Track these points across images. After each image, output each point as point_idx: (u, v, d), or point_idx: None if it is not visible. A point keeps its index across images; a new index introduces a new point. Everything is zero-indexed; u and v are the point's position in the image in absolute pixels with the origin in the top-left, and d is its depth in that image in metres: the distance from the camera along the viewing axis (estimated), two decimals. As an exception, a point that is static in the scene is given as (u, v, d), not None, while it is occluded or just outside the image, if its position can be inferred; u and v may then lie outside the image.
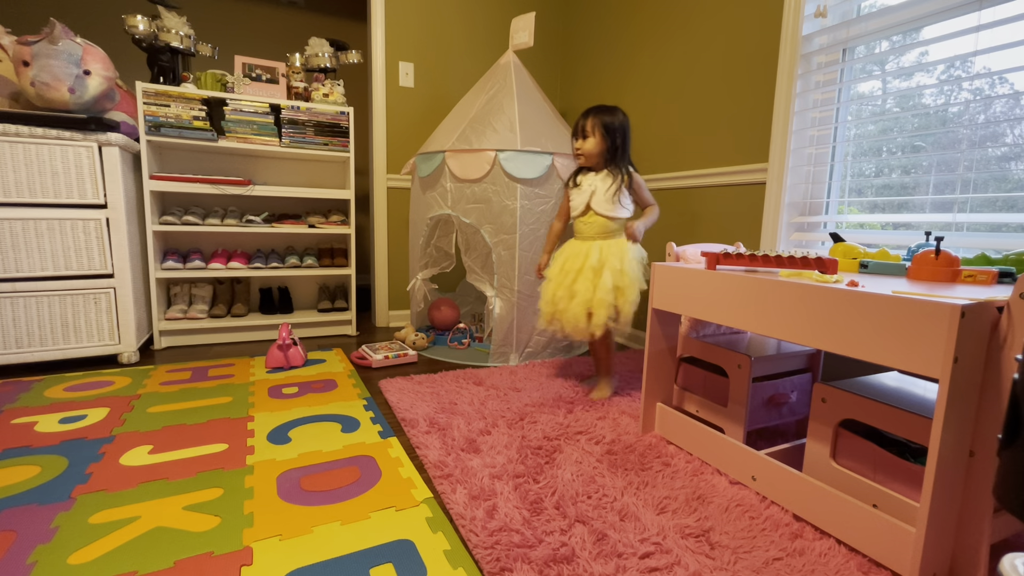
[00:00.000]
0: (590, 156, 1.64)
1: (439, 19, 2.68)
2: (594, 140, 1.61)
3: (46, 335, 1.78)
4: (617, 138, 1.61)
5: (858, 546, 0.92)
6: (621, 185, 1.61)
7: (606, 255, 1.58)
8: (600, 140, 1.61)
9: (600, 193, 1.62)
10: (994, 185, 1.31)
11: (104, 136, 1.80)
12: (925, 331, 0.79)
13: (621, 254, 1.59)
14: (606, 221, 1.62)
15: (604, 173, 1.63)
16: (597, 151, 1.62)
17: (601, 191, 1.62)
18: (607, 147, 1.62)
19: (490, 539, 0.92)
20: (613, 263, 1.56)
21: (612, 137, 1.61)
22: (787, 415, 1.33)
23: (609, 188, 1.61)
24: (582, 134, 1.64)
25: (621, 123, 1.62)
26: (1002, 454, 0.64)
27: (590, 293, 1.55)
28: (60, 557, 0.87)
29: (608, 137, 1.61)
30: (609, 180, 1.62)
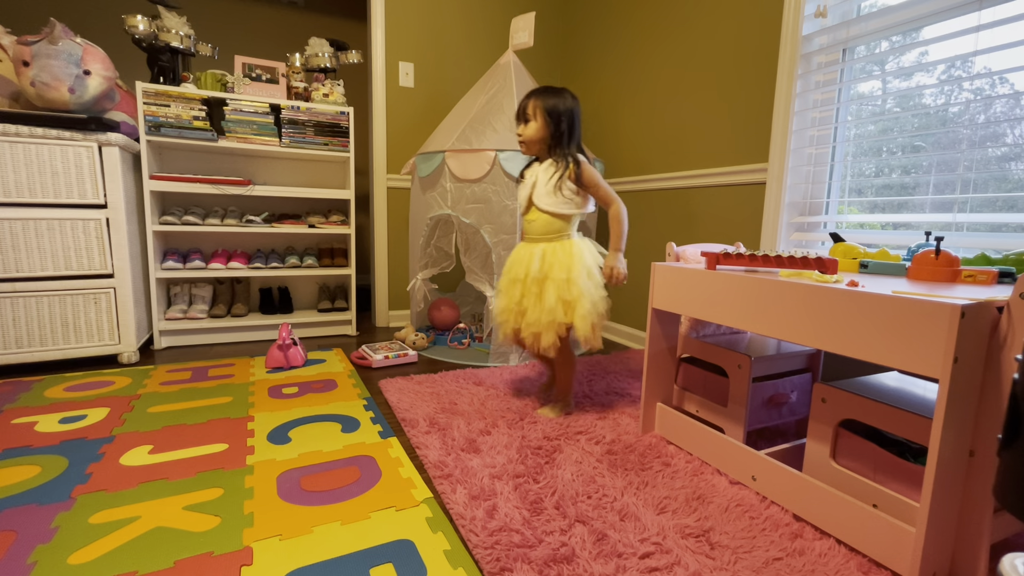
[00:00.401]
0: (531, 143, 1.46)
1: (439, 19, 2.68)
2: (536, 125, 1.43)
3: (46, 335, 1.78)
4: (562, 123, 1.42)
5: (858, 546, 0.92)
6: (564, 175, 1.41)
7: (549, 263, 1.40)
8: (543, 125, 1.42)
9: (541, 184, 1.43)
10: (994, 185, 1.31)
11: (104, 136, 1.80)
12: (925, 331, 0.79)
13: (567, 261, 1.39)
14: (549, 219, 1.44)
15: (548, 162, 1.45)
16: (539, 137, 1.44)
17: (542, 182, 1.43)
18: (550, 133, 1.43)
19: (490, 539, 0.92)
20: (556, 273, 1.37)
21: (556, 121, 1.42)
22: (787, 415, 1.33)
23: (551, 179, 1.42)
24: (523, 118, 1.45)
25: (568, 106, 1.43)
26: (1002, 454, 0.64)
27: (536, 313, 1.38)
28: (60, 557, 0.87)
29: (552, 121, 1.42)
30: (552, 170, 1.43)
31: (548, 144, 1.45)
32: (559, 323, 1.37)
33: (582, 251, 1.43)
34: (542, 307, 1.38)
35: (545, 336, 1.38)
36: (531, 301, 1.40)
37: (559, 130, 1.43)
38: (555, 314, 1.36)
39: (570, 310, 1.37)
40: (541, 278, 1.39)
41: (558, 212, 1.42)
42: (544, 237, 1.45)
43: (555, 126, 1.42)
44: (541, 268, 1.40)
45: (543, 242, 1.44)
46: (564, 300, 1.37)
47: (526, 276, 1.41)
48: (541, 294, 1.39)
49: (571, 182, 1.41)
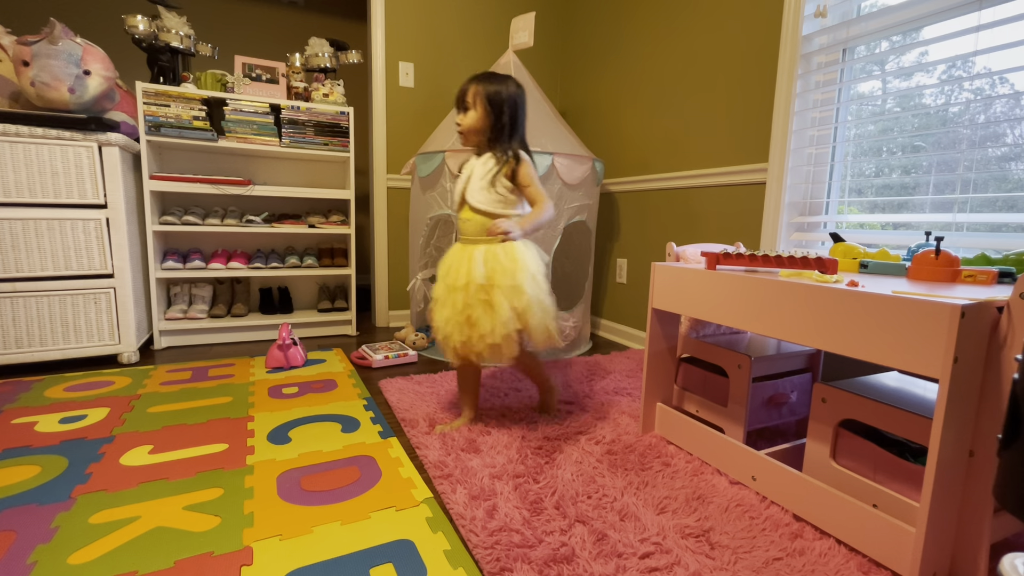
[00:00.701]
0: (469, 133, 1.33)
1: (439, 19, 2.69)
2: (475, 114, 1.30)
3: (46, 335, 1.78)
4: (505, 113, 1.29)
5: (858, 546, 0.92)
6: (501, 171, 1.29)
7: (492, 270, 1.26)
8: (483, 114, 1.30)
9: (475, 180, 1.31)
10: (994, 185, 1.31)
11: (104, 136, 1.80)
12: (925, 331, 0.79)
13: (511, 267, 1.26)
14: (482, 218, 1.30)
15: (487, 156, 1.33)
16: (479, 127, 1.31)
17: (476, 177, 1.31)
18: (491, 123, 1.30)
19: (490, 539, 0.92)
20: (502, 281, 1.25)
21: (497, 111, 1.29)
22: (787, 415, 1.33)
23: (487, 174, 1.30)
24: (462, 106, 1.32)
25: (512, 95, 1.31)
26: (1002, 454, 0.64)
27: (490, 323, 1.25)
28: (60, 557, 0.87)
29: (493, 111, 1.29)
30: (490, 163, 1.31)
31: (488, 136, 1.32)
32: (513, 334, 1.27)
33: (525, 256, 1.29)
34: (497, 318, 1.24)
35: (506, 347, 1.26)
36: (481, 311, 1.25)
37: (500, 121, 1.30)
38: (508, 326, 1.24)
39: (521, 318, 1.26)
40: (488, 285, 1.25)
41: (490, 211, 1.29)
42: (483, 239, 1.30)
43: (496, 116, 1.30)
44: (487, 276, 1.26)
45: (482, 244, 1.30)
46: (515, 308, 1.25)
47: (468, 283, 1.26)
48: (491, 303, 1.25)
49: (506, 179, 1.30)
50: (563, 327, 2.19)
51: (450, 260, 1.34)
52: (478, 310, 1.26)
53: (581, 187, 2.14)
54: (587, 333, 2.41)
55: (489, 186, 1.29)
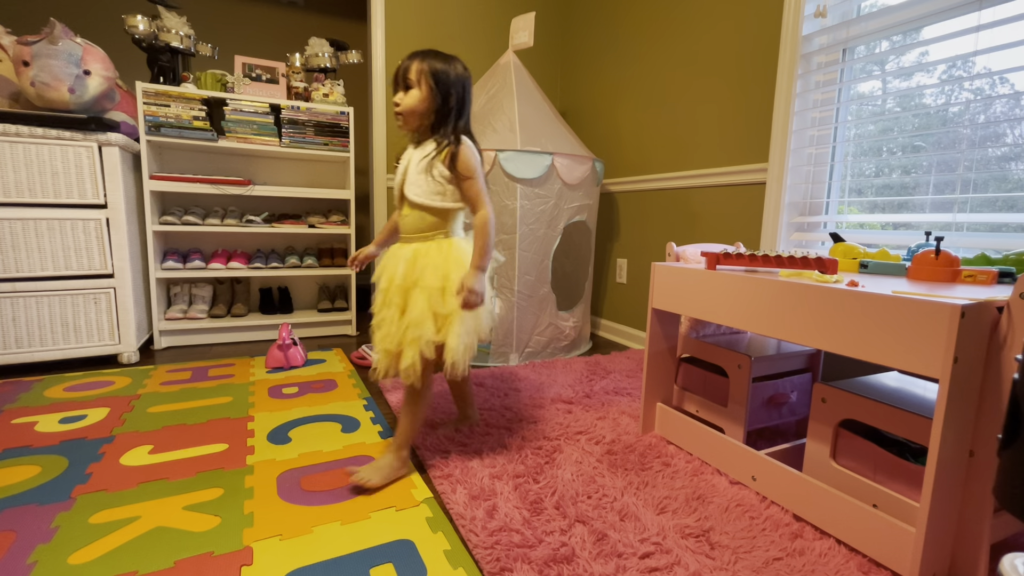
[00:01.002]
0: (410, 115, 1.15)
1: (439, 19, 2.68)
2: (418, 94, 1.13)
3: (46, 335, 1.78)
4: (451, 96, 1.14)
5: (858, 546, 0.92)
6: (439, 155, 1.13)
7: (421, 267, 1.12)
8: (427, 95, 1.13)
9: (412, 169, 1.16)
10: (994, 185, 1.31)
11: (104, 136, 1.80)
12: (925, 331, 0.79)
13: (443, 266, 1.12)
14: (420, 213, 1.16)
15: (427, 143, 1.16)
16: (421, 109, 1.14)
17: (413, 165, 1.16)
18: (436, 106, 1.14)
19: (490, 539, 0.92)
20: (428, 280, 1.10)
21: (444, 93, 1.13)
22: (787, 415, 1.33)
23: (424, 159, 1.14)
24: (403, 84, 1.14)
25: (460, 76, 1.16)
26: (1002, 454, 0.64)
27: (395, 324, 1.11)
28: (60, 557, 0.87)
29: (438, 92, 1.13)
30: (429, 149, 1.14)
31: (431, 120, 1.16)
32: (427, 341, 1.08)
33: (463, 254, 1.15)
34: (405, 319, 1.10)
35: (406, 353, 1.09)
36: (390, 312, 1.12)
37: (447, 105, 1.14)
38: (422, 329, 1.07)
39: (444, 327, 1.09)
40: (407, 286, 1.11)
41: (428, 204, 1.14)
42: (418, 235, 1.17)
43: (442, 99, 1.14)
44: (408, 273, 1.12)
45: (417, 242, 1.16)
46: (436, 314, 1.09)
47: (389, 285, 1.14)
48: (405, 305, 1.11)
49: (444, 166, 1.13)
50: (563, 327, 2.19)
51: (384, 261, 1.20)
52: (389, 312, 1.12)
53: (581, 187, 2.14)
54: (587, 333, 2.41)
55: (426, 174, 1.13)
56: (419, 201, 1.14)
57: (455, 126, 1.16)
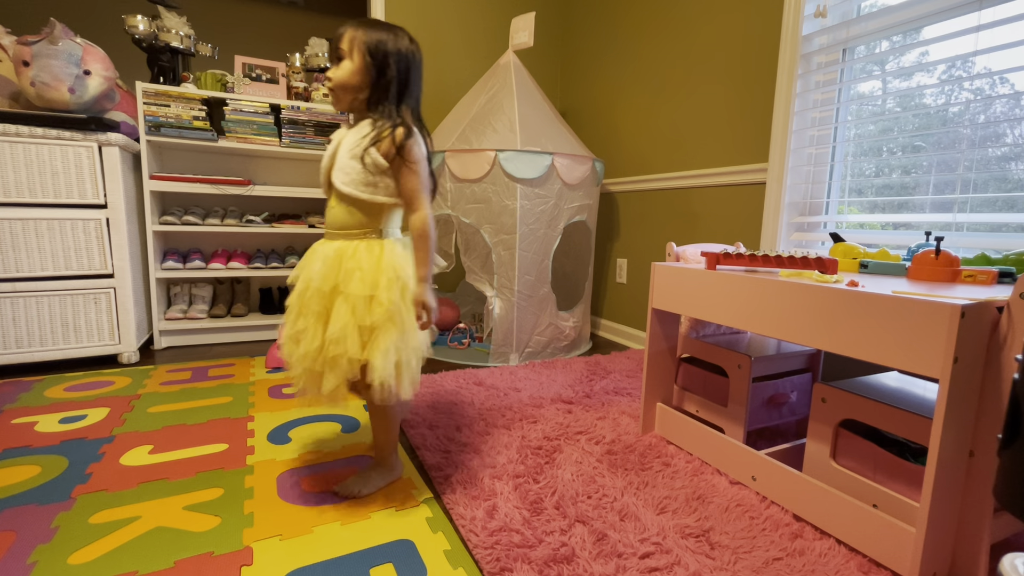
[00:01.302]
0: (342, 92, 0.99)
1: (439, 19, 2.69)
2: (350, 66, 0.97)
3: (46, 335, 1.78)
4: (390, 68, 0.98)
5: (858, 546, 0.92)
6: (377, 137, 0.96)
7: (347, 270, 0.96)
8: (360, 66, 0.97)
9: (342, 153, 1.00)
10: (994, 185, 1.31)
11: (104, 136, 1.80)
12: (925, 331, 0.79)
13: (373, 270, 0.96)
14: (348, 207, 1.00)
15: (363, 124, 1.00)
16: (354, 83, 0.98)
17: (345, 149, 1.00)
18: (371, 79, 0.98)
19: (490, 539, 0.92)
20: (355, 286, 0.94)
21: (381, 65, 0.97)
22: (787, 415, 1.33)
23: (359, 142, 0.98)
24: (335, 56, 0.99)
25: (401, 49, 0.99)
26: (1002, 454, 0.64)
27: (314, 340, 0.95)
28: (60, 557, 0.87)
29: (374, 64, 0.97)
30: (366, 130, 0.98)
31: (367, 96, 1.00)
32: (351, 360, 0.94)
33: (397, 257, 0.99)
34: (324, 334, 0.94)
35: (328, 378, 0.95)
36: (308, 322, 0.96)
37: (384, 77, 0.98)
38: (344, 346, 0.93)
39: (369, 342, 0.95)
40: (327, 291, 0.96)
41: (356, 196, 0.98)
42: (342, 231, 1.01)
43: (378, 71, 0.98)
44: (328, 275, 0.96)
45: (341, 239, 1.00)
46: (362, 326, 0.94)
47: (306, 288, 0.98)
48: (326, 315, 0.96)
49: (379, 152, 0.96)
50: (563, 327, 2.19)
51: (303, 260, 1.04)
52: (307, 321, 0.97)
53: (581, 187, 2.14)
54: (587, 333, 2.41)
55: (358, 160, 0.97)
56: (347, 191, 0.98)
57: (398, 106, 1.00)
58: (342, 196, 0.99)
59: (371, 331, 0.95)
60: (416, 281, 0.98)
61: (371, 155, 0.96)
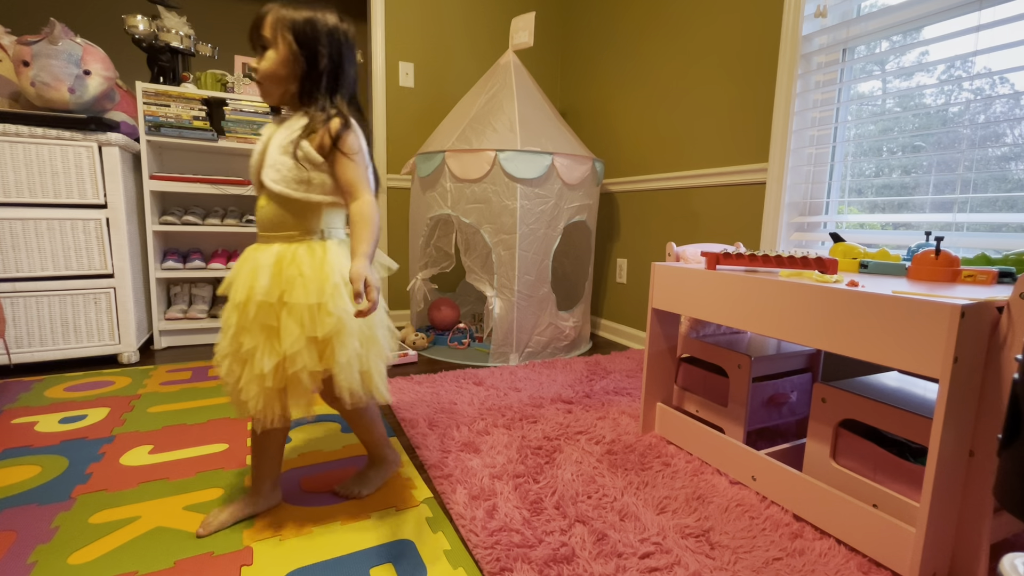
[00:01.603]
0: (271, 84, 0.91)
1: (439, 19, 2.69)
2: (275, 55, 0.88)
3: (46, 335, 1.78)
4: (323, 56, 0.89)
5: (858, 546, 0.92)
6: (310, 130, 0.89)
7: (288, 278, 0.87)
8: (286, 56, 0.88)
9: (273, 148, 0.91)
10: (994, 185, 1.31)
11: (104, 136, 1.80)
12: (925, 331, 0.79)
13: (317, 277, 0.88)
14: (280, 207, 0.91)
15: (295, 117, 0.92)
16: (283, 74, 0.90)
17: (276, 144, 0.91)
18: (300, 70, 0.90)
19: (490, 539, 0.92)
20: (298, 295, 0.87)
21: (309, 53, 0.89)
22: (787, 415, 1.33)
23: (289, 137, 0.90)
24: (259, 44, 0.90)
25: (332, 31, 0.90)
26: (1002, 454, 0.64)
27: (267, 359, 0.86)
28: (60, 557, 0.87)
29: (303, 51, 0.88)
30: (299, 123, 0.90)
31: (298, 88, 0.91)
32: (312, 373, 0.88)
33: (340, 260, 0.92)
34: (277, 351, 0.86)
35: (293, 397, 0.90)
36: (258, 339, 0.87)
37: (316, 67, 0.90)
38: (303, 360, 0.86)
39: (327, 353, 0.89)
40: (274, 301, 0.87)
41: (288, 194, 0.89)
42: (278, 233, 0.92)
43: (309, 60, 0.89)
44: (272, 287, 0.87)
45: (279, 243, 0.91)
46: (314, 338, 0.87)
47: (248, 299, 0.87)
48: (276, 329, 0.87)
49: (313, 146, 0.89)
50: (563, 327, 2.19)
51: (238, 265, 0.94)
52: (257, 338, 0.87)
53: (581, 187, 2.14)
54: (587, 333, 2.41)
55: (289, 155, 0.88)
56: (278, 190, 0.89)
57: (333, 95, 0.91)
58: (273, 195, 0.91)
59: (326, 342, 0.88)
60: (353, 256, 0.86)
61: (303, 149, 0.88)
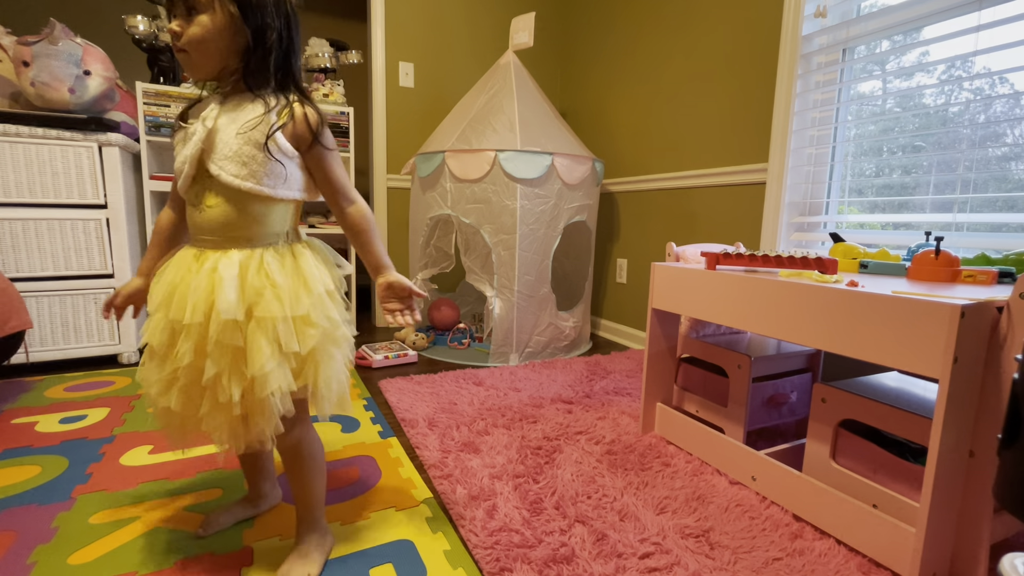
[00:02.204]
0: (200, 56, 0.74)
1: (439, 19, 2.69)
2: (210, 22, 0.72)
3: (46, 335, 1.78)
4: (271, 31, 0.75)
5: (858, 546, 0.92)
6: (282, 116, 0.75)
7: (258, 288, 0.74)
8: (226, 24, 0.72)
9: (227, 136, 0.75)
10: (994, 185, 1.31)
11: (104, 136, 1.80)
12: (925, 331, 0.79)
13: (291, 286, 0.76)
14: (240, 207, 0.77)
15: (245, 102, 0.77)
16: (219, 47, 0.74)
17: (228, 132, 0.75)
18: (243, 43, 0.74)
19: (490, 539, 0.92)
20: (269, 308, 0.73)
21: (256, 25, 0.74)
22: (787, 415, 1.33)
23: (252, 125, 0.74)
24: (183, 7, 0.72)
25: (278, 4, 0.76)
26: (1002, 454, 0.64)
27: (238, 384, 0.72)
28: (60, 557, 0.87)
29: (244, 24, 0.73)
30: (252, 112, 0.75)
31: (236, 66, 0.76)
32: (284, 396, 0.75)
33: (311, 265, 0.80)
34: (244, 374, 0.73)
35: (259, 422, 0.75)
36: (223, 364, 0.73)
37: (263, 44, 0.75)
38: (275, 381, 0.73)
39: (307, 369, 0.77)
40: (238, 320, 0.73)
41: (258, 192, 0.75)
42: (228, 237, 0.77)
43: (255, 35, 0.74)
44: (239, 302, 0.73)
45: (233, 247, 0.77)
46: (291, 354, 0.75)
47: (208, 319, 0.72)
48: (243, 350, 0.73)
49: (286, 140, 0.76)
50: (563, 327, 2.19)
51: (171, 276, 0.78)
52: (219, 362, 0.73)
53: (581, 187, 2.14)
54: (587, 333, 2.41)
55: (258, 147, 0.74)
56: (245, 186, 0.74)
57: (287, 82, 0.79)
58: (231, 193, 0.76)
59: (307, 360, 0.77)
60: (383, 268, 0.85)
61: (277, 140, 0.75)
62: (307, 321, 0.77)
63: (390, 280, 0.85)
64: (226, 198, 0.77)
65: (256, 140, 0.74)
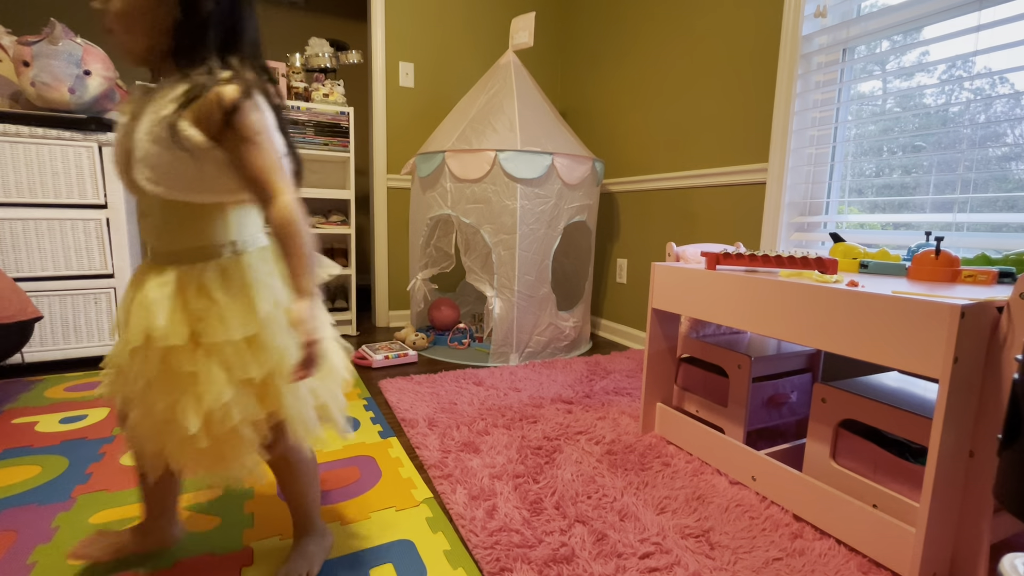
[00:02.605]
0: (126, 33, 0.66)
1: (439, 19, 2.68)
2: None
3: (46, 335, 1.78)
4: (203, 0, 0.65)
5: (858, 546, 0.92)
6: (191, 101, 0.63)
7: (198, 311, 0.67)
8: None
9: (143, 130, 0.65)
10: (994, 185, 1.31)
11: (104, 136, 1.80)
12: (925, 331, 0.79)
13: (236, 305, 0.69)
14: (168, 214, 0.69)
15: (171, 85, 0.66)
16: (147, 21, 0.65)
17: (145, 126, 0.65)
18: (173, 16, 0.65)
19: (490, 539, 0.92)
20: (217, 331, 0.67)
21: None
22: (787, 415, 1.33)
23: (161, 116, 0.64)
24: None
25: None
26: (1002, 454, 0.64)
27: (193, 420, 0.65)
28: (60, 557, 0.87)
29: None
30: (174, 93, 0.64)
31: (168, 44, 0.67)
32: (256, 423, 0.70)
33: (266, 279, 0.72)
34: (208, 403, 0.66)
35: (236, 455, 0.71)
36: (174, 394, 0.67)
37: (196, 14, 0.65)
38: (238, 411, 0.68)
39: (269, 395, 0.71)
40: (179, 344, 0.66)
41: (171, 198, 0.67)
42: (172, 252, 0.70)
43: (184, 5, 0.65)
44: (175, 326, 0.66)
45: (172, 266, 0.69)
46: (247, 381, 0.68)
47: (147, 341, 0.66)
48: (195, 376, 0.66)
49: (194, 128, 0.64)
50: (563, 327, 2.19)
51: (126, 294, 0.73)
52: (171, 393, 0.67)
53: (581, 187, 2.14)
54: (587, 333, 2.41)
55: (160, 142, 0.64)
56: (158, 192, 0.66)
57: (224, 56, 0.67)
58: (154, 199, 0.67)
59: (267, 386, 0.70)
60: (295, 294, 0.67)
61: (183, 130, 0.63)
62: (261, 345, 0.69)
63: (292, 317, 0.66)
64: (154, 206, 0.69)
65: (157, 135, 0.64)
